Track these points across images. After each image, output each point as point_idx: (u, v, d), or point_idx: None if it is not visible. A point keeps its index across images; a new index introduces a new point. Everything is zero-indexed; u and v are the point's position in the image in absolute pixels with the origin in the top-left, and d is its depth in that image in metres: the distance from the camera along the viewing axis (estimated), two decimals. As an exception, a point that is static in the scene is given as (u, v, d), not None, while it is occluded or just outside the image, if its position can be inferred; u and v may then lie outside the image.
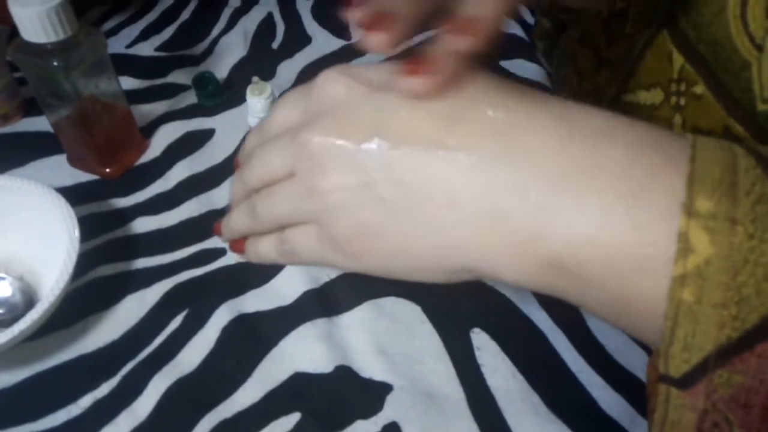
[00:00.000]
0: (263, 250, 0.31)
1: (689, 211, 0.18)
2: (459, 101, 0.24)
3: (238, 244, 0.33)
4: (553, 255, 0.22)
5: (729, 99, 0.29)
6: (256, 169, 0.30)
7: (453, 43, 0.23)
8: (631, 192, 0.20)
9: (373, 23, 0.23)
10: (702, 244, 0.18)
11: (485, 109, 0.24)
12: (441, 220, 0.23)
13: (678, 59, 0.32)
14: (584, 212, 0.21)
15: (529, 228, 0.22)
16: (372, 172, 0.24)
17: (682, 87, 0.32)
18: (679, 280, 0.18)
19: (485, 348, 0.35)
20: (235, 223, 0.32)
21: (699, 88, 0.31)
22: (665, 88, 0.34)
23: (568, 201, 0.21)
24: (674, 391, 0.19)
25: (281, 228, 0.30)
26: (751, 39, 0.27)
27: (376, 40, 0.23)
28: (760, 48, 0.27)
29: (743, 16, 0.28)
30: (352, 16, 0.24)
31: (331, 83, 0.26)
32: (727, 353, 0.18)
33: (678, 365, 0.19)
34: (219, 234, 0.35)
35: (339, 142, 0.25)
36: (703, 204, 0.18)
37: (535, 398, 0.34)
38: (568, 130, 0.22)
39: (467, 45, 0.22)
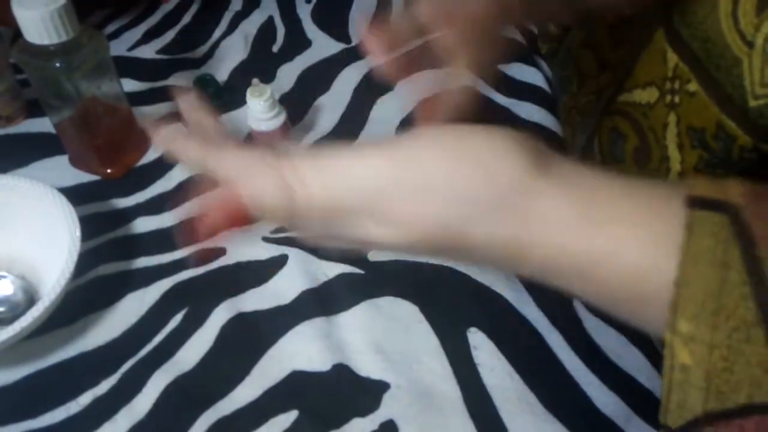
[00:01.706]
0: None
1: (672, 328, 0.20)
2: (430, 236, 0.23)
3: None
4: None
5: (722, 95, 0.30)
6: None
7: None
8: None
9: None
10: (683, 355, 0.20)
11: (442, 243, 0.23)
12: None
13: (672, 58, 0.33)
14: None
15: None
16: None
17: (677, 85, 0.33)
18: (669, 367, 0.20)
19: (482, 347, 0.36)
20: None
21: (692, 86, 0.32)
22: (660, 86, 0.34)
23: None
24: None
25: None
26: (742, 36, 0.28)
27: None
28: (750, 45, 0.27)
29: (734, 13, 0.28)
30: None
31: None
32: (712, 418, 0.20)
33: (675, 419, 0.21)
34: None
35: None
36: (684, 326, 0.20)
37: (531, 397, 0.34)
38: (550, 271, 0.22)
39: None
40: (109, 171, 0.44)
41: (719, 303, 0.19)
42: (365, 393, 0.34)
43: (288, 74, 0.54)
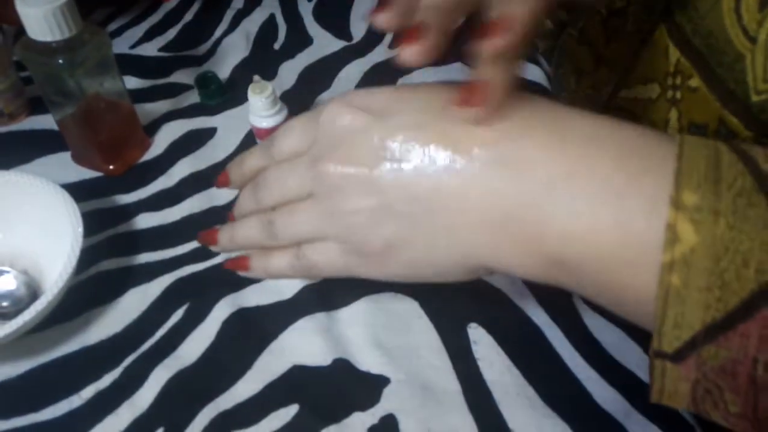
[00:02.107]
0: (275, 265, 0.32)
1: (677, 204, 0.20)
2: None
3: (241, 262, 0.34)
4: (552, 253, 0.24)
5: (724, 91, 0.30)
6: (272, 190, 0.31)
7: (491, 46, 0.23)
8: (616, 195, 0.22)
9: (407, 36, 0.24)
10: (688, 234, 0.19)
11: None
12: (455, 227, 0.25)
13: (674, 53, 0.33)
14: (575, 215, 0.23)
15: (529, 230, 0.24)
16: (388, 192, 0.26)
17: (678, 80, 0.33)
18: (668, 267, 0.20)
19: (481, 342, 0.36)
20: (245, 235, 0.33)
21: (694, 81, 0.32)
22: (662, 82, 0.34)
23: (560, 205, 0.23)
24: (669, 365, 0.21)
25: (295, 244, 0.31)
26: (745, 31, 0.28)
27: (410, 53, 0.24)
28: (753, 40, 0.27)
29: (737, 9, 0.28)
30: (379, 19, 0.25)
31: (336, 116, 0.28)
32: (712, 331, 0.19)
33: (670, 342, 0.20)
34: (214, 244, 0.35)
35: (354, 169, 0.27)
36: (689, 197, 0.20)
37: (531, 392, 0.34)
38: (561, 136, 0.24)
39: (504, 43, 0.22)
40: (111, 167, 0.45)
41: (719, 175, 0.20)
42: (365, 387, 0.34)
43: (289, 71, 0.54)
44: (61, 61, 0.38)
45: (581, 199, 0.22)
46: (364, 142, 0.27)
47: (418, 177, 0.25)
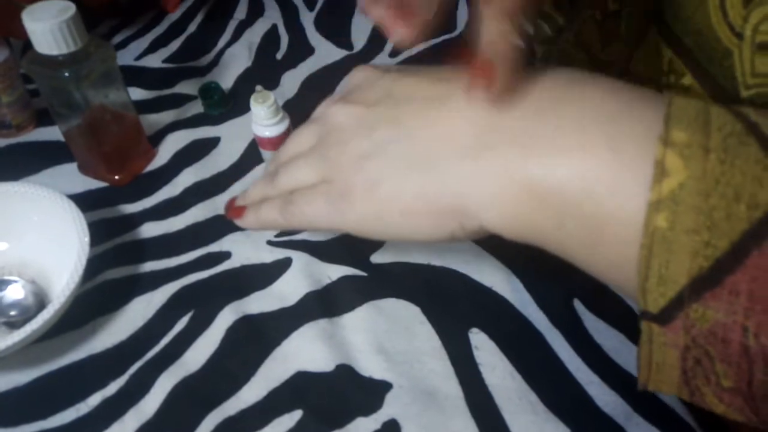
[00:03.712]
0: (265, 212, 0.32)
1: (665, 141, 0.19)
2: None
3: (237, 210, 0.34)
4: (534, 179, 0.22)
5: (715, 88, 0.30)
6: (286, 150, 0.34)
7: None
8: (608, 119, 0.21)
9: (396, 18, 0.26)
10: (677, 168, 0.19)
11: None
12: (433, 157, 0.25)
13: (666, 52, 0.33)
14: (561, 135, 0.22)
15: (509, 154, 0.23)
16: (380, 127, 0.27)
17: (672, 79, 0.33)
18: (654, 206, 0.19)
19: (483, 347, 0.36)
20: (252, 190, 0.34)
21: (687, 80, 0.32)
22: (657, 82, 0.34)
23: (546, 126, 0.22)
24: (655, 327, 0.20)
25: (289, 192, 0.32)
26: (731, 28, 0.28)
27: (399, 34, 0.26)
28: (739, 36, 0.28)
29: (722, 6, 0.28)
30: (371, 11, 0.27)
31: (353, 73, 0.32)
32: (699, 287, 0.18)
33: (655, 299, 0.19)
34: (233, 206, 0.35)
35: (355, 108, 0.29)
36: (679, 135, 0.19)
37: (533, 396, 0.34)
38: (552, 76, 0.24)
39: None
40: (116, 178, 0.45)
41: (708, 119, 0.19)
42: (368, 393, 0.34)
43: (291, 81, 0.54)
44: (67, 73, 0.38)
45: (570, 119, 0.22)
46: (369, 90, 0.29)
47: (410, 109, 0.27)
